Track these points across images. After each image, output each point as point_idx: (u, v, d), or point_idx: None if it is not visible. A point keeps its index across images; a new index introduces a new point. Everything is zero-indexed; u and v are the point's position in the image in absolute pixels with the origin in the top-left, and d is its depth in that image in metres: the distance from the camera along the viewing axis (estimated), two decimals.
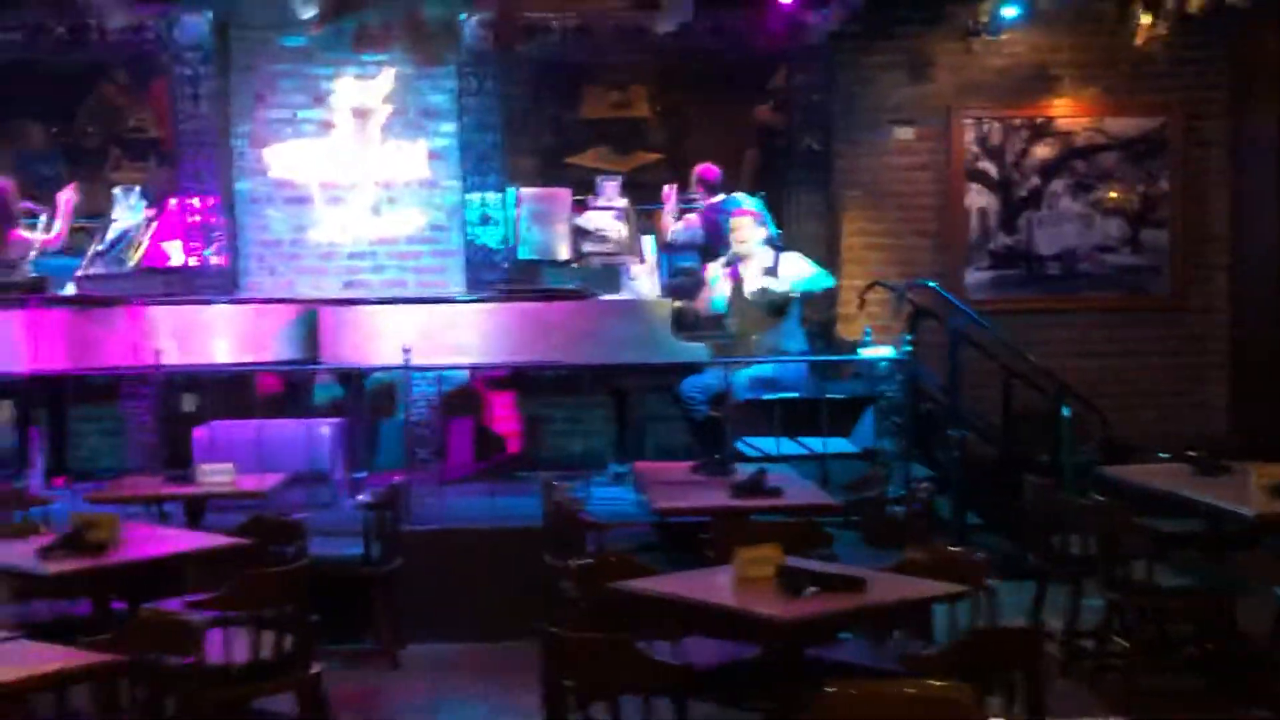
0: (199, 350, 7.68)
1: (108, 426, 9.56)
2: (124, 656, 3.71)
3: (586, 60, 9.82)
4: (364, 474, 7.93)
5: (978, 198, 9.83)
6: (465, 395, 9.40)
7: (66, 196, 9.00)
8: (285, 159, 9.59)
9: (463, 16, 9.27)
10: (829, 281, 8.14)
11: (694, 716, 3.79)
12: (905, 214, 9.81)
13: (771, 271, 7.91)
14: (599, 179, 9.97)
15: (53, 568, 4.68)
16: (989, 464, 8.51)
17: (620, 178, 9.98)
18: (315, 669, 4.82)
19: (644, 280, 7.85)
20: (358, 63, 9.57)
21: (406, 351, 7.21)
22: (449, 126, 9.61)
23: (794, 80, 9.57)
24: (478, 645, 6.84)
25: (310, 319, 7.91)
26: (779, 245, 8.97)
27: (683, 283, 8.85)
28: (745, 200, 9.11)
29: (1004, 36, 9.47)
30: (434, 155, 9.65)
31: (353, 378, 7.98)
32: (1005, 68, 9.78)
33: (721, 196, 9.26)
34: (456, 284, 9.54)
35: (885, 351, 7.63)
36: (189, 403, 9.29)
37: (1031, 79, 9.79)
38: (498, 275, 9.32)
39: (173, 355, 7.57)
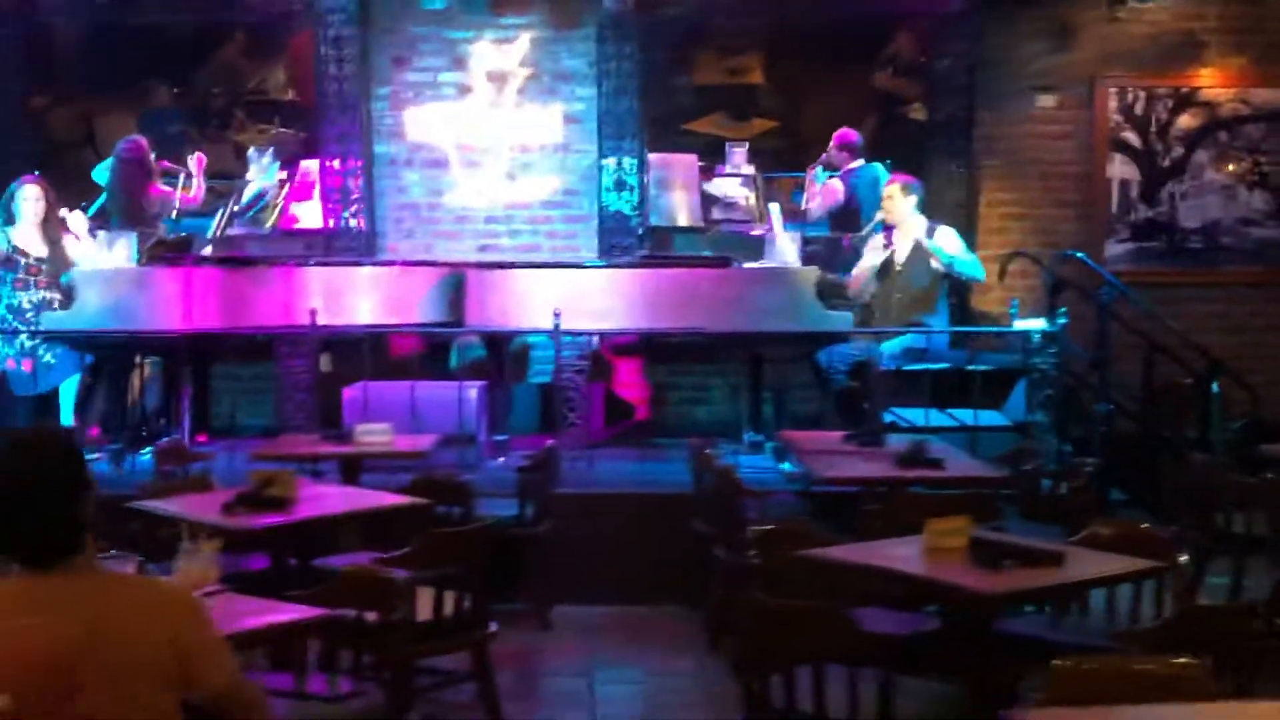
0: (348, 311, 7.74)
1: (245, 385, 9.72)
2: (329, 612, 3.76)
3: (724, 24, 9.75)
4: (505, 436, 7.98)
5: (1120, 168, 9.67)
6: (595, 361, 9.43)
7: (198, 157, 9.13)
8: (423, 122, 9.65)
9: None
10: (980, 273, 8.01)
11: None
12: (1045, 184, 9.68)
13: (925, 243, 7.83)
14: (727, 145, 9.96)
15: (241, 523, 4.74)
16: (1129, 439, 8.39)
17: (746, 144, 9.99)
18: (492, 628, 4.87)
19: (788, 249, 7.79)
20: (496, 26, 9.60)
21: (557, 315, 7.24)
22: (584, 90, 9.61)
23: (938, 47, 9.44)
24: (624, 608, 6.87)
25: (456, 282, 7.95)
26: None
27: (819, 251, 8.79)
28: (880, 168, 9.07)
29: (1150, 4, 9.27)
30: (569, 119, 9.66)
31: (497, 341, 8.01)
32: (1150, 35, 9.59)
33: (860, 162, 9.20)
34: (589, 249, 9.56)
35: (1038, 323, 7.53)
36: (325, 363, 9.42)
37: (1176, 47, 9.60)
38: (631, 241, 9.33)
39: (323, 316, 7.64)
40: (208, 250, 8.74)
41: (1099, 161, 9.63)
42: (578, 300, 7.55)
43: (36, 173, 8.45)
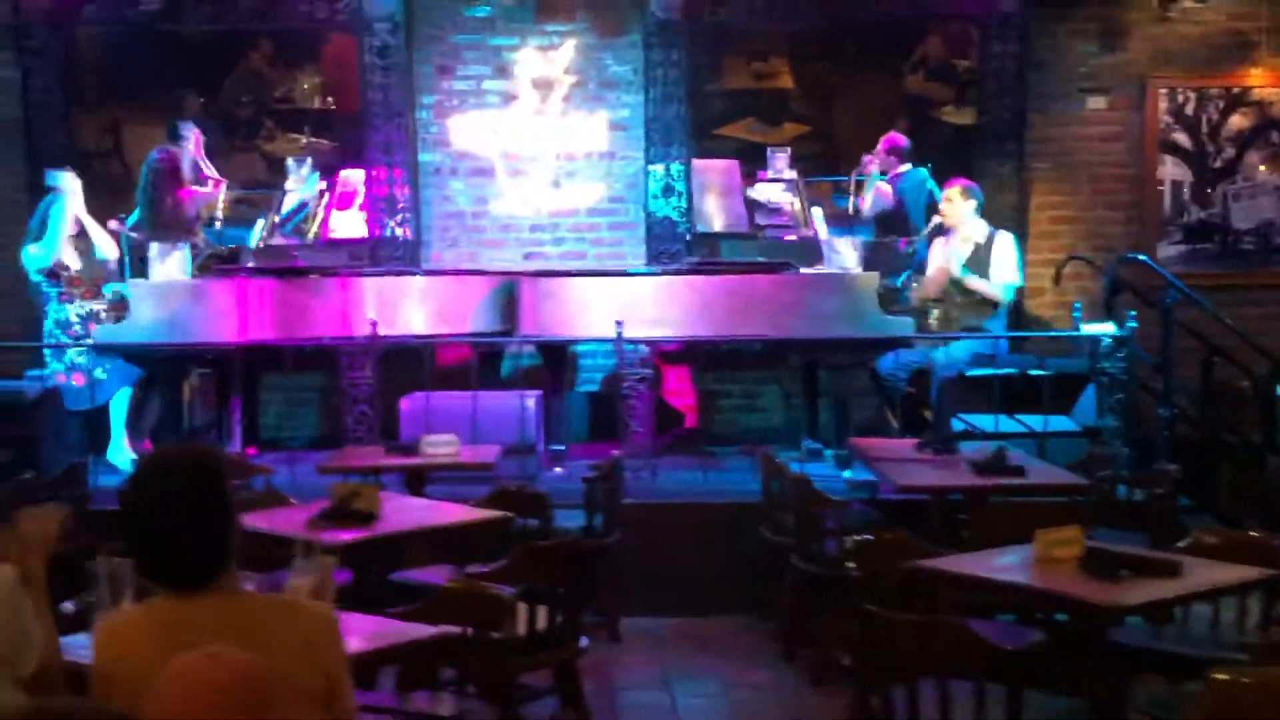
0: (403, 321, 7.67)
1: (289, 397, 9.66)
2: (435, 628, 3.69)
3: (768, 29, 9.66)
4: (562, 446, 7.90)
5: (1171, 169, 9.58)
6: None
7: (195, 135, 8.96)
8: (467, 130, 9.59)
9: None
10: (1009, 294, 7.93)
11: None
12: (1096, 186, 9.57)
13: (985, 249, 7.77)
14: (769, 150, 9.88)
15: (330, 537, 4.66)
16: (1190, 444, 8.29)
17: (788, 150, 9.90)
18: (583, 643, 4.80)
19: (847, 253, 7.71)
20: (540, 33, 9.53)
21: (619, 325, 7.17)
22: (630, 97, 9.56)
23: (986, 48, 9.36)
24: (690, 619, 6.80)
25: (509, 290, 7.89)
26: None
27: (872, 255, 8.70)
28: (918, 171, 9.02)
29: (1206, 4, 9.18)
30: (614, 126, 9.60)
31: (554, 350, 7.94)
32: (1200, 35, 9.49)
33: (907, 166, 9.12)
34: (635, 256, 9.51)
35: (1107, 327, 7.45)
36: None
37: (1227, 47, 9.50)
38: (679, 247, 9.27)
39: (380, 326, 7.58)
40: (251, 262, 8.68)
41: (1150, 163, 9.53)
42: (636, 308, 7.48)
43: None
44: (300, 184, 9.70)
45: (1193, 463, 7.90)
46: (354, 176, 9.57)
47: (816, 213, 9.23)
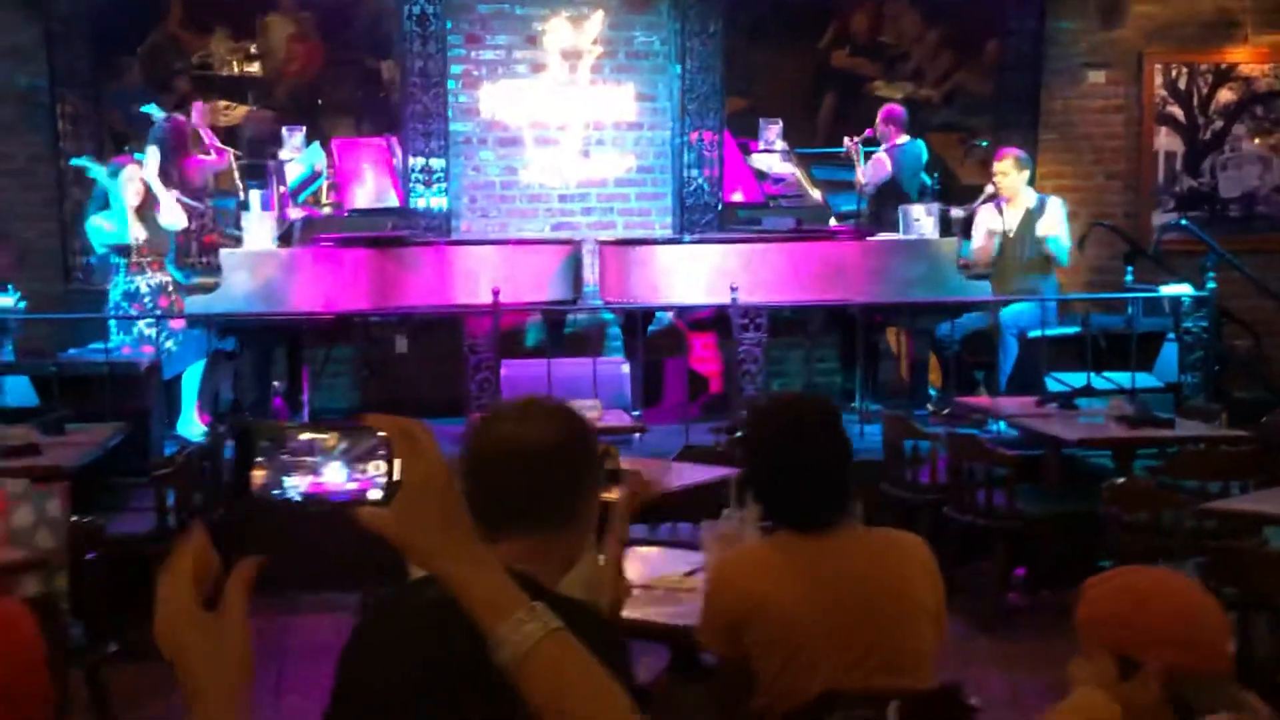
0: (486, 289, 7.70)
1: (331, 368, 9.51)
2: None
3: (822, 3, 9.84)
4: (638, 411, 8.03)
5: (1165, 140, 10.13)
6: (672, 336, 9.53)
7: (196, 112, 8.85)
8: (496, 100, 9.58)
9: None
10: (1064, 258, 8.27)
11: None
12: (1097, 156, 10.07)
13: (1036, 214, 8.14)
14: (761, 122, 10.12)
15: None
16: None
17: (780, 122, 10.16)
18: None
19: (925, 221, 8.00)
20: (569, 3, 9.56)
21: (734, 290, 7.34)
22: (658, 68, 9.67)
23: (1008, 25, 9.74)
24: None
25: (577, 257, 8.00)
26: (933, 190, 9.24)
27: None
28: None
29: None
30: (642, 97, 9.70)
31: (635, 318, 8.06)
32: (1192, 14, 10.05)
33: (905, 138, 9.40)
34: (663, 226, 9.65)
35: (1184, 288, 7.91)
36: (400, 344, 9.33)
37: (1216, 26, 10.08)
38: (710, 217, 9.46)
39: (462, 295, 7.61)
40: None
41: (1147, 135, 10.07)
42: (727, 275, 7.65)
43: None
44: (297, 154, 9.55)
45: None
46: (361, 144, 9.46)
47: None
